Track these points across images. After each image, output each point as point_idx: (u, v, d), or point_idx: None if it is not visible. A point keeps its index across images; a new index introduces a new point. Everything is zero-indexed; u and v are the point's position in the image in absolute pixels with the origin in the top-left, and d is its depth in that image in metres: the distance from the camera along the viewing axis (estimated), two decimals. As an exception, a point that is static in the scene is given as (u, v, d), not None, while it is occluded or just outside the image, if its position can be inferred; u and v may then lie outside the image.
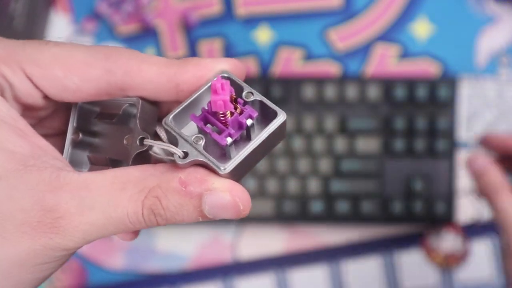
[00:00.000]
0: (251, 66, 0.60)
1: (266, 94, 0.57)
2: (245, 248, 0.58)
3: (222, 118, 0.23)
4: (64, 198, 0.22)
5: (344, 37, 0.60)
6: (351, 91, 0.56)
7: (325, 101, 0.56)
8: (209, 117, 0.24)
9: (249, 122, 0.23)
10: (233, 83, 0.24)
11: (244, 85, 0.24)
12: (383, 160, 0.56)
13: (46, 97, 0.24)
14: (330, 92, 0.56)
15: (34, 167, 0.22)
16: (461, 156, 0.57)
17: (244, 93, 0.24)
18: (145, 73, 0.24)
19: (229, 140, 0.23)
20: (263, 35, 0.60)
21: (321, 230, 0.58)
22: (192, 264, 0.58)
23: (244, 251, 0.58)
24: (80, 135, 0.27)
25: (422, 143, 0.56)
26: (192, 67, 0.24)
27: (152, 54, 0.25)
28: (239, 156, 0.23)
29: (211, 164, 0.23)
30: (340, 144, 0.56)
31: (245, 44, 0.60)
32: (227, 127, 0.23)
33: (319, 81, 0.57)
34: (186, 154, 0.23)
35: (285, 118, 0.24)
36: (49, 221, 0.22)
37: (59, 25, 0.61)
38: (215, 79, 0.23)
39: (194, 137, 0.23)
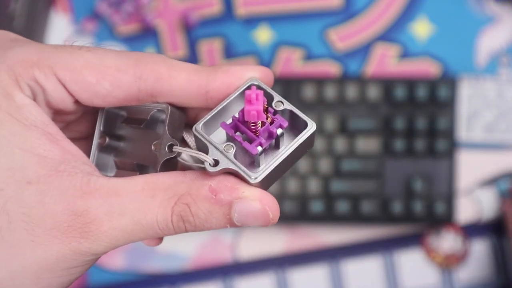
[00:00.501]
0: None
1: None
2: (245, 248, 0.58)
3: (253, 127, 0.24)
4: (94, 204, 0.22)
5: (344, 37, 0.60)
6: (351, 91, 0.56)
7: (325, 101, 0.56)
8: (239, 126, 0.24)
9: (279, 131, 0.24)
10: (262, 89, 0.24)
11: (273, 93, 0.25)
12: (383, 160, 0.56)
13: (76, 101, 0.24)
14: (330, 92, 0.56)
15: (65, 172, 0.22)
16: (461, 157, 0.57)
17: (274, 102, 0.24)
18: (175, 80, 0.24)
19: (259, 149, 0.23)
20: (263, 35, 0.60)
21: (321, 230, 0.58)
22: (192, 264, 0.58)
23: (244, 251, 0.58)
24: (107, 139, 0.27)
25: (422, 143, 0.56)
26: (222, 75, 0.24)
27: (182, 61, 0.25)
28: (269, 166, 0.23)
29: (242, 173, 0.23)
30: (340, 144, 0.56)
31: (245, 44, 0.60)
32: (257, 136, 0.24)
33: (319, 81, 0.57)
34: (216, 162, 0.23)
35: (315, 128, 0.24)
36: (79, 226, 0.22)
37: (59, 25, 0.61)
38: (245, 86, 0.24)
39: (225, 145, 0.23)
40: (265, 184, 0.24)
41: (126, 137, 0.28)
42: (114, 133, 0.28)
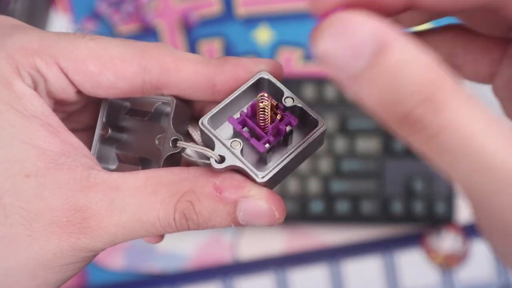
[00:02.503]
0: (251, 66, 0.60)
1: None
2: (245, 248, 0.58)
3: (262, 123, 0.23)
4: (94, 199, 0.21)
5: (344, 37, 0.60)
6: (351, 91, 0.56)
7: (325, 101, 0.56)
8: (247, 121, 0.23)
9: (288, 129, 0.23)
10: (272, 85, 0.24)
11: (284, 88, 0.24)
12: (383, 160, 0.56)
13: (78, 91, 0.24)
14: (330, 92, 0.56)
15: (65, 165, 0.22)
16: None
17: (284, 98, 0.23)
18: (181, 72, 0.23)
19: (267, 147, 0.23)
20: (263, 35, 0.60)
21: (321, 230, 0.58)
22: (192, 264, 0.58)
23: (244, 251, 0.58)
24: (109, 131, 0.26)
25: (422, 143, 0.56)
26: (230, 67, 0.23)
27: (188, 52, 0.24)
28: (277, 165, 0.22)
29: (249, 171, 0.22)
30: (340, 144, 0.56)
31: (245, 44, 0.60)
32: (265, 133, 0.23)
33: (319, 81, 0.57)
34: (222, 159, 0.22)
35: (326, 127, 0.23)
36: (78, 221, 0.21)
37: (59, 25, 0.61)
38: (254, 80, 0.23)
39: (232, 141, 0.22)
40: (272, 183, 0.23)
41: (129, 129, 0.27)
42: (117, 125, 0.27)
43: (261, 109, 0.22)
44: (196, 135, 0.26)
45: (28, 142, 0.21)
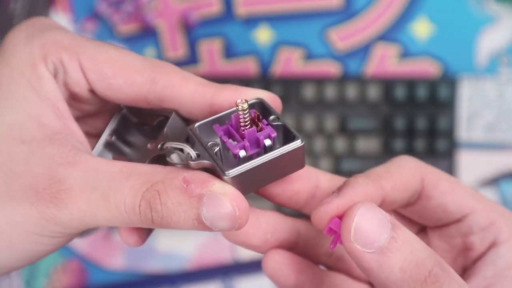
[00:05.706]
0: (251, 66, 0.60)
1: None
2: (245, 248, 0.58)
3: (243, 133, 0.24)
4: (73, 174, 0.23)
5: (344, 37, 0.60)
6: (351, 91, 0.56)
7: (325, 101, 0.56)
8: (230, 130, 0.24)
9: (267, 142, 0.24)
10: (265, 109, 0.25)
11: (274, 112, 0.25)
12: (383, 160, 0.56)
13: (91, 91, 0.27)
14: (330, 92, 0.56)
15: (57, 141, 0.24)
16: (462, 157, 0.57)
17: (270, 118, 0.25)
18: (184, 88, 0.26)
19: (242, 153, 0.23)
20: (263, 35, 0.60)
21: (321, 230, 0.58)
22: (192, 264, 0.58)
23: (244, 251, 0.58)
24: (114, 137, 0.28)
25: (422, 143, 0.56)
26: (229, 91, 0.25)
27: (193, 74, 0.26)
28: (246, 165, 0.23)
29: (217, 168, 0.23)
30: (340, 144, 0.56)
31: (245, 44, 0.60)
32: (243, 140, 0.24)
33: (319, 81, 0.57)
34: (198, 156, 0.24)
35: (302, 144, 0.24)
36: (52, 191, 0.23)
37: (59, 25, 0.61)
38: (249, 102, 0.24)
39: (210, 143, 0.24)
40: (240, 186, 0.23)
41: (132, 143, 0.29)
42: (123, 137, 0.29)
43: (240, 112, 0.23)
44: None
45: (33, 116, 0.24)
